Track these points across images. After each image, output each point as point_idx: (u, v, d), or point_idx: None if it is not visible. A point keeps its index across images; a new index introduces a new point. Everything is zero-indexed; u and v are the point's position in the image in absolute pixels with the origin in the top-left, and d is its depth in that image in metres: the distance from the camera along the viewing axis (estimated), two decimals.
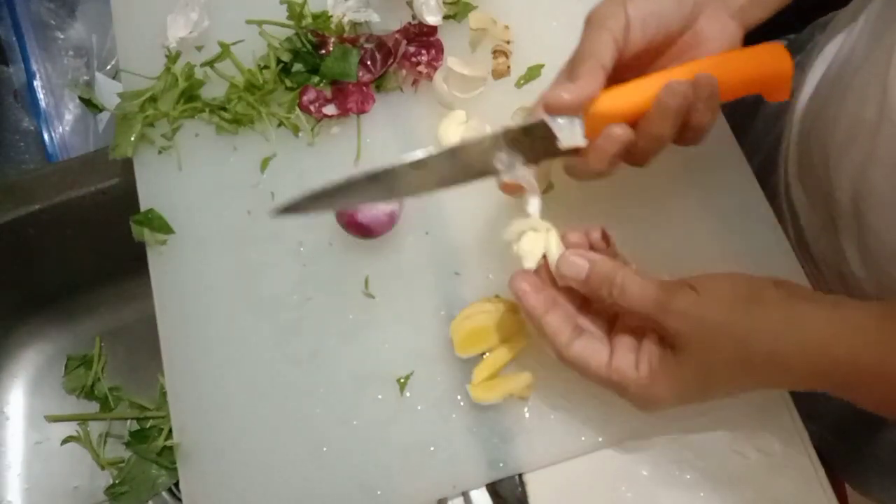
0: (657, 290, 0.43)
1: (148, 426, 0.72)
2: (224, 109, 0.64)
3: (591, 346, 0.46)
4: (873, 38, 0.54)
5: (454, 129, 0.60)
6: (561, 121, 0.46)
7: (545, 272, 0.48)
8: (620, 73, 0.47)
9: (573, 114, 0.46)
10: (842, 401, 0.44)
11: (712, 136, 0.59)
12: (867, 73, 0.53)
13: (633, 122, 0.47)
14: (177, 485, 0.60)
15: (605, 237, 0.48)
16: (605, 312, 0.48)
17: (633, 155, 0.48)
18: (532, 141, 0.47)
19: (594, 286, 0.45)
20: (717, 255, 0.58)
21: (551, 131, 0.46)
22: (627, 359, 0.45)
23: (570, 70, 0.47)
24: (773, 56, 0.48)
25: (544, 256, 0.47)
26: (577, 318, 0.48)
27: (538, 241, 0.47)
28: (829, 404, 0.54)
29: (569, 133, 0.45)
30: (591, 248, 0.48)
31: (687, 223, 0.59)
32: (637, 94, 0.46)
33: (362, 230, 0.56)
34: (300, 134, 0.64)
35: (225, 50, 0.66)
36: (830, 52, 0.62)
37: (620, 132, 0.46)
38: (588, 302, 0.49)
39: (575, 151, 0.47)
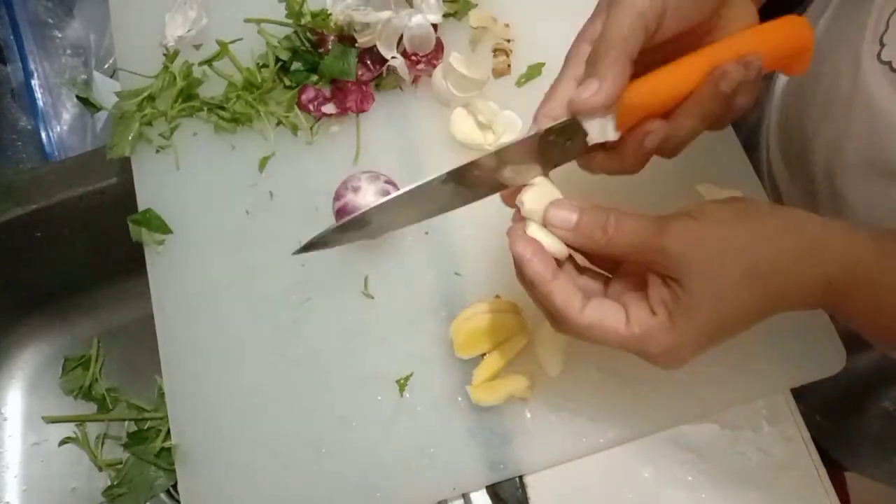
0: (653, 220, 0.41)
1: (146, 427, 0.71)
2: (222, 108, 0.64)
3: (605, 307, 0.42)
4: (846, 16, 0.55)
5: (466, 124, 0.59)
6: (591, 117, 0.43)
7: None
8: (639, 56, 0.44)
9: (604, 113, 0.43)
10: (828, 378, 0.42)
11: None
12: (841, 50, 0.53)
13: (666, 112, 0.45)
14: (175, 486, 0.59)
15: None
16: (599, 276, 0.45)
17: (666, 147, 0.46)
18: (563, 140, 0.44)
19: (585, 230, 0.42)
20: None
21: (581, 128, 0.43)
22: (642, 309, 0.41)
23: (595, 59, 0.43)
24: (795, 29, 0.46)
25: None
26: (578, 280, 0.44)
27: (543, 196, 0.44)
28: (815, 382, 0.54)
29: (600, 129, 0.43)
30: None
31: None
32: (672, 82, 0.44)
33: None
34: (299, 133, 0.64)
35: (223, 48, 0.66)
36: None
37: (659, 127, 0.44)
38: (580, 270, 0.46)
39: (602, 146, 0.44)
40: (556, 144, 0.44)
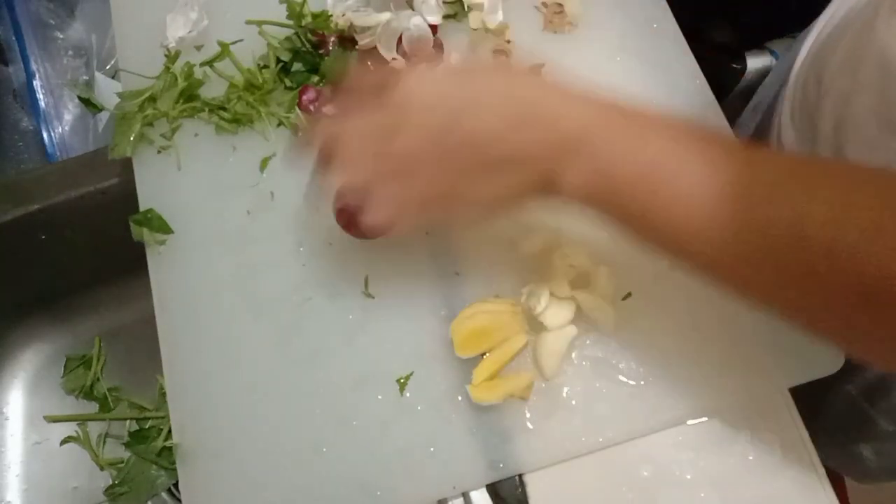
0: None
1: (147, 426, 0.71)
2: (223, 109, 0.64)
3: None
4: None
5: None
6: None
7: None
8: None
9: None
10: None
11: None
12: (864, 4, 0.54)
13: None
14: (176, 485, 0.59)
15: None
16: None
17: None
18: None
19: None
20: None
21: None
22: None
23: None
24: None
25: None
26: None
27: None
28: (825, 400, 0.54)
29: None
30: None
31: None
32: None
33: (362, 230, 0.56)
34: (300, 133, 0.64)
35: (224, 49, 0.66)
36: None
37: None
38: None
39: None
40: None
